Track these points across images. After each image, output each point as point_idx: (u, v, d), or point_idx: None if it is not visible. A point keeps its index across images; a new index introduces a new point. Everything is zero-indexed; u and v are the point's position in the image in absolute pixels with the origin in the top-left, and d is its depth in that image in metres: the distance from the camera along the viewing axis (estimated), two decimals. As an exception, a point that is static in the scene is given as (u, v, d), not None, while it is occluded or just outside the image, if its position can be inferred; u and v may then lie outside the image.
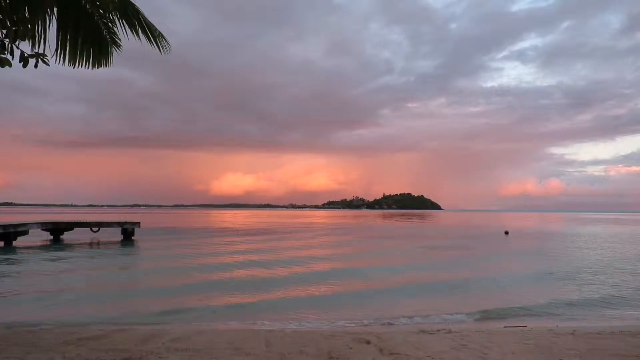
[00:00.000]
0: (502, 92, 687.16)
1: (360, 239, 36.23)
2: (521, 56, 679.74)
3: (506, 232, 43.94)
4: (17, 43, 4.80)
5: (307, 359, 5.73)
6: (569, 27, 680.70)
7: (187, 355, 5.85)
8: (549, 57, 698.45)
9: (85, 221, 34.29)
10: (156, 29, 6.39)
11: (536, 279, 15.76)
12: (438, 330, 7.74)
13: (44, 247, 25.90)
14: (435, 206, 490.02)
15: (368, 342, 6.60)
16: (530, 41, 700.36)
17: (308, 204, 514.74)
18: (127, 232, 32.35)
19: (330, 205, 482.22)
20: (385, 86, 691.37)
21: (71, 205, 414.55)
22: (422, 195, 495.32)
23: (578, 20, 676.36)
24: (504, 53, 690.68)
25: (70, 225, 32.64)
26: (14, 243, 26.33)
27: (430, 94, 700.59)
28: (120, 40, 6.32)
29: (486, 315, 10.29)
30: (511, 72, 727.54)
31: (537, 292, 13.31)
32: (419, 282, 15.15)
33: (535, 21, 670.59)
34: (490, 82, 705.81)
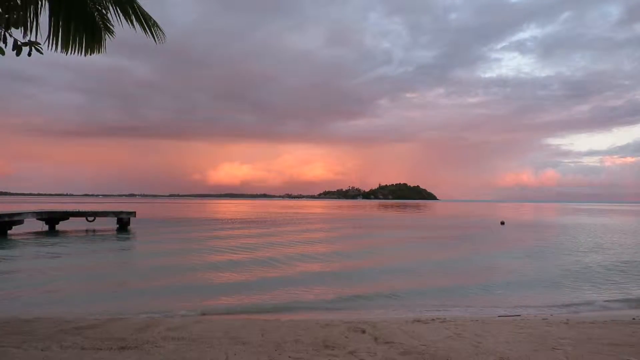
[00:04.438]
0: (501, 82, 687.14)
1: (355, 230, 36.34)
2: (520, 47, 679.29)
3: (502, 223, 44.08)
4: (9, 31, 4.74)
5: (303, 348, 5.76)
6: (569, 18, 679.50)
7: (183, 344, 5.87)
8: (547, 48, 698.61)
9: (80, 211, 34.18)
10: (151, 17, 6.31)
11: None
12: (433, 319, 7.79)
13: (39, 237, 25.84)
14: (431, 196, 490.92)
15: (363, 331, 6.64)
16: (529, 32, 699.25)
17: (304, 194, 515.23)
18: (123, 222, 32.32)
19: (326, 195, 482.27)
20: (383, 76, 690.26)
21: (67, 195, 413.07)
22: (417, 186, 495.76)
23: (577, 11, 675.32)
24: (503, 44, 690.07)
25: (65, 215, 32.53)
26: (9, 232, 26.26)
27: (429, 85, 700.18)
28: (113, 26, 6.24)
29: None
30: (510, 63, 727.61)
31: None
32: (419, 282, 15.25)
33: (535, 12, 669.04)
34: (489, 72, 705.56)
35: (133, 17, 6.12)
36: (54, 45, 5.69)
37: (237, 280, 13.26)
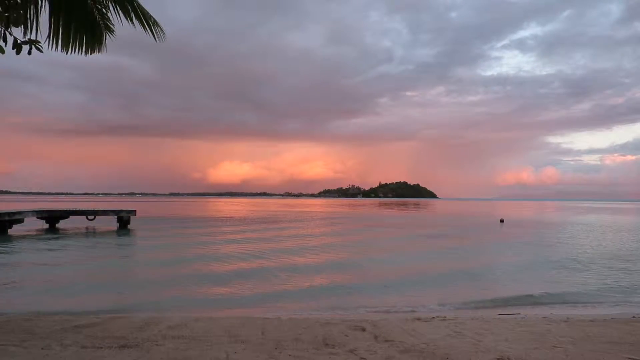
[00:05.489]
0: (501, 81, 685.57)
1: (356, 229, 36.36)
2: (521, 45, 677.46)
3: (501, 220, 44.21)
4: (9, 29, 4.74)
5: (303, 346, 5.76)
6: (569, 16, 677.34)
7: (183, 342, 5.87)
8: (548, 46, 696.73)
9: (81, 209, 34.22)
10: (151, 16, 6.31)
11: (527, 268, 15.91)
12: (433, 317, 7.79)
13: (39, 236, 25.86)
14: (431, 195, 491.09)
15: (363, 330, 6.65)
16: (530, 30, 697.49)
17: (304, 192, 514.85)
18: (123, 221, 32.33)
19: (326, 193, 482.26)
20: (384, 75, 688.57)
21: (67, 194, 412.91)
22: (418, 184, 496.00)
23: (578, 10, 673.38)
24: (504, 42, 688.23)
25: (65, 214, 32.58)
26: (9, 231, 26.26)
27: (429, 83, 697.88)
28: (113, 25, 6.25)
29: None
30: (510, 61, 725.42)
31: (528, 280, 13.47)
32: (414, 273, 15.25)
33: (536, 10, 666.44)
34: (490, 71, 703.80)
35: (133, 16, 6.12)
36: (54, 45, 5.69)
37: (237, 278, 13.27)
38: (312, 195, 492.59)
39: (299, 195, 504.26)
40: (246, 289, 11.78)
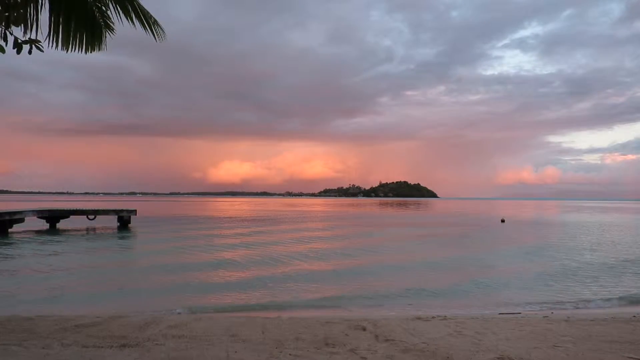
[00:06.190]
0: (502, 80, 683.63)
1: (359, 231, 36.34)
2: (522, 44, 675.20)
3: (502, 220, 44.30)
4: (10, 29, 4.74)
5: (303, 346, 5.76)
6: (570, 16, 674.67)
7: (184, 342, 5.87)
8: (549, 46, 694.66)
9: (81, 209, 34.26)
10: (151, 16, 6.30)
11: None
12: (433, 317, 7.79)
13: (39, 235, 25.87)
14: (431, 194, 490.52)
15: (364, 329, 6.64)
16: (531, 29, 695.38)
17: (305, 191, 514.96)
18: (124, 220, 32.37)
19: (327, 193, 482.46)
20: (385, 74, 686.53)
21: (67, 193, 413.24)
22: (418, 184, 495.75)
23: (579, 9, 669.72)
24: (505, 41, 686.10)
25: (66, 213, 32.61)
26: (10, 230, 26.29)
27: (430, 82, 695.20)
28: (113, 24, 6.24)
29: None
30: (511, 61, 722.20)
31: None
32: (417, 279, 15.22)
33: (537, 9, 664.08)
34: (490, 70, 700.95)
35: (133, 15, 6.10)
36: (54, 43, 5.67)
37: (238, 278, 13.28)
38: (313, 195, 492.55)
39: (300, 194, 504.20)
40: (251, 296, 11.41)
